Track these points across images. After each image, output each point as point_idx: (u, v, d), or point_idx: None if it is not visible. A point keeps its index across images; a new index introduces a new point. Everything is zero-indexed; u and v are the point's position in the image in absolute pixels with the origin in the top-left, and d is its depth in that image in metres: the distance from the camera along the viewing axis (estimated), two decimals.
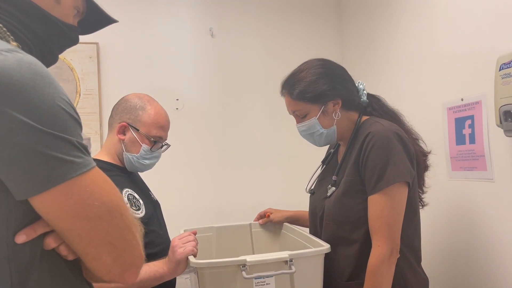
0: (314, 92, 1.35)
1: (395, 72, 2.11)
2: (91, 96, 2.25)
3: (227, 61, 2.53)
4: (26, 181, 0.58)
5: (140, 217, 1.39)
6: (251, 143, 2.54)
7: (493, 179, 1.51)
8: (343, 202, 1.32)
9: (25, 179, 0.58)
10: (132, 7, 2.35)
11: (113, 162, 1.46)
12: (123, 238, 0.66)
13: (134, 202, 1.40)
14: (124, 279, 0.69)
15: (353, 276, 1.30)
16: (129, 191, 1.40)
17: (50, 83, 0.62)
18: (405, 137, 1.30)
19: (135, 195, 1.42)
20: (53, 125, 0.59)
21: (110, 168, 1.44)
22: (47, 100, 0.60)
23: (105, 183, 0.66)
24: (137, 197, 1.43)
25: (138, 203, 1.41)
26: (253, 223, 1.76)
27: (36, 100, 0.59)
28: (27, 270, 0.62)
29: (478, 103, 1.56)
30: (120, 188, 1.39)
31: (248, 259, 1.15)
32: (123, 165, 1.48)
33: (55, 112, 0.60)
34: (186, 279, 2.02)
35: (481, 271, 1.58)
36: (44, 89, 0.60)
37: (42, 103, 0.59)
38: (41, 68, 0.62)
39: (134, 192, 1.43)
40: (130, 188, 1.42)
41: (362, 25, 2.44)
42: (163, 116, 1.49)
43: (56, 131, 0.60)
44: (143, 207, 1.42)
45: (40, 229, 0.63)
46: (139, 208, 1.40)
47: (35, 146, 0.58)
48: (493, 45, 1.49)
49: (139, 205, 1.41)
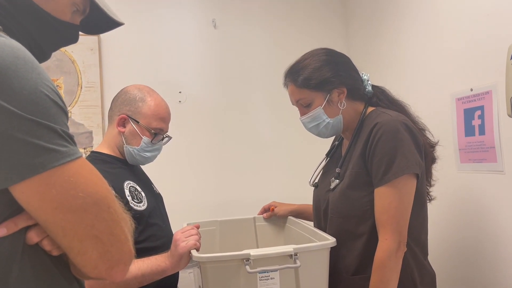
0: (318, 78, 1.32)
1: (402, 62, 2.07)
2: (93, 88, 2.22)
3: (230, 53, 2.49)
4: (4, 169, 0.55)
5: (142, 210, 1.38)
6: (255, 136, 2.51)
7: (503, 171, 1.47)
8: (348, 195, 1.29)
9: (4, 167, 0.55)
10: None
11: (114, 154, 1.44)
12: (110, 232, 0.63)
13: (136, 194, 1.37)
14: (111, 276, 0.65)
15: (359, 270, 1.27)
16: (131, 183, 1.38)
17: (33, 68, 0.58)
18: (413, 127, 1.26)
19: (137, 187, 1.40)
20: (35, 112, 0.56)
21: (111, 161, 1.42)
22: (29, 86, 0.56)
23: (92, 174, 0.63)
24: (139, 190, 1.40)
25: (140, 196, 1.39)
26: (257, 217, 1.73)
27: (17, 84, 0.55)
28: (7, 266, 0.59)
29: (489, 93, 1.52)
30: (122, 181, 1.37)
31: (252, 253, 1.12)
32: (124, 157, 1.45)
33: (36, 98, 0.57)
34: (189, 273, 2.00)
35: (489, 265, 1.55)
36: (26, 74, 0.57)
37: (23, 88, 0.56)
38: (24, 53, 0.59)
39: (136, 185, 1.40)
40: (132, 181, 1.40)
41: (368, 16, 2.39)
42: (163, 107, 1.46)
43: (37, 117, 0.56)
44: (145, 200, 1.39)
45: (22, 222, 0.60)
46: (141, 201, 1.38)
47: (14, 132, 0.54)
48: (504, 34, 1.45)
49: (141, 197, 1.39)
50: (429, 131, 1.37)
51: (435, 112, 1.78)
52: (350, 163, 1.32)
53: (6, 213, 0.59)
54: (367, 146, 1.26)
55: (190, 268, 2.00)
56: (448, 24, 1.75)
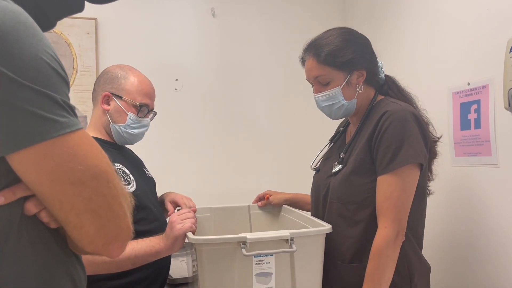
0: (343, 57, 1.29)
1: (400, 57, 2.07)
2: (88, 73, 2.20)
3: (229, 42, 2.48)
4: (2, 137, 0.53)
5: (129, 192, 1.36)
6: (253, 126, 2.50)
7: (497, 164, 1.49)
8: (351, 180, 1.28)
9: (2, 135, 0.53)
10: None
11: (101, 137, 1.42)
12: (109, 207, 0.61)
13: (124, 177, 1.36)
14: (108, 251, 0.64)
15: (355, 258, 1.28)
16: (119, 166, 1.37)
17: (34, 34, 0.56)
18: (421, 119, 1.27)
19: (125, 170, 1.38)
20: (35, 79, 0.54)
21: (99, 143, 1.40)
22: (29, 52, 0.54)
23: (92, 147, 0.61)
24: (127, 172, 1.39)
25: (128, 178, 1.37)
26: (252, 205, 1.73)
27: (17, 50, 0.53)
28: (4, 235, 0.57)
29: (486, 87, 1.53)
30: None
31: (248, 237, 1.12)
32: (112, 140, 1.44)
33: (37, 65, 0.55)
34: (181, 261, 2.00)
35: (483, 259, 1.56)
36: (27, 40, 0.54)
37: (23, 54, 0.53)
38: (25, 18, 0.56)
39: (124, 167, 1.39)
40: (120, 163, 1.38)
41: (367, 8, 2.40)
42: (147, 83, 1.45)
43: (37, 85, 0.54)
44: (134, 183, 1.38)
45: (20, 192, 0.58)
46: (129, 183, 1.36)
47: (13, 100, 0.52)
48: (502, 28, 1.45)
49: (129, 180, 1.37)
50: (432, 126, 1.37)
51: (432, 106, 1.77)
52: (355, 149, 1.32)
53: (4, 183, 0.57)
54: (374, 133, 1.26)
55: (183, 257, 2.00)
56: (446, 19, 1.76)
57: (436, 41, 1.82)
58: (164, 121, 2.12)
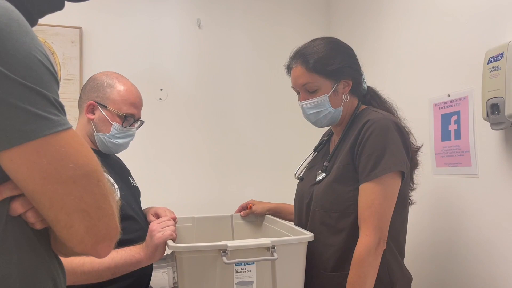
0: (332, 66, 1.31)
1: (382, 68, 2.11)
2: (72, 81, 2.18)
3: (214, 53, 2.49)
4: None
5: None
6: (237, 136, 2.50)
7: (477, 175, 1.51)
8: (333, 188, 1.29)
9: None
10: None
11: None
12: (98, 206, 0.61)
13: None
14: (97, 251, 0.64)
15: (337, 267, 1.27)
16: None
17: (27, 32, 0.56)
18: (403, 128, 1.28)
19: (110, 178, 1.37)
20: (28, 76, 0.54)
21: None
22: (23, 49, 0.54)
23: (82, 146, 0.61)
24: (112, 181, 1.37)
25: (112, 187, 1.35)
26: (234, 215, 1.72)
27: (10, 47, 0.53)
28: None
29: (465, 99, 1.56)
30: None
31: (229, 244, 1.11)
32: (97, 147, 1.42)
33: (30, 63, 0.55)
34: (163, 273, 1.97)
35: (464, 269, 1.57)
36: (19, 37, 0.55)
37: (16, 52, 0.54)
38: (18, 16, 0.57)
39: (109, 176, 1.37)
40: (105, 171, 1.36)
41: (350, 20, 2.44)
42: (133, 92, 1.42)
43: (30, 83, 0.54)
44: (117, 192, 1.36)
45: (7, 191, 0.58)
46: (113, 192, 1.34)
47: (6, 97, 0.52)
48: (481, 40, 1.49)
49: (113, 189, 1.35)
50: (413, 136, 1.39)
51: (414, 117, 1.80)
52: (338, 158, 1.33)
53: None
54: (356, 142, 1.27)
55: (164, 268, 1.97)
56: (427, 32, 1.79)
57: (416, 53, 1.86)
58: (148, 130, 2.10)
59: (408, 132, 1.35)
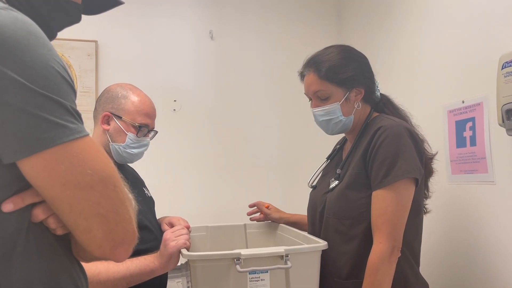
0: (344, 74, 1.32)
1: (395, 74, 2.10)
2: (88, 94, 2.23)
3: (227, 64, 2.52)
4: (15, 143, 0.55)
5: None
6: (251, 146, 2.51)
7: (494, 182, 1.48)
8: (346, 195, 1.28)
9: (14, 140, 0.55)
10: (133, 6, 2.34)
11: None
12: (116, 211, 0.63)
13: None
14: (115, 255, 0.65)
15: (351, 275, 1.26)
16: None
17: (44, 44, 0.59)
18: (416, 135, 1.27)
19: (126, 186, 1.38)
20: (46, 86, 0.57)
21: None
22: (40, 61, 0.57)
23: (99, 152, 0.63)
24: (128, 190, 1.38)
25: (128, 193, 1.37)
26: (248, 224, 1.72)
27: (29, 59, 0.56)
28: (12, 241, 0.58)
29: (480, 105, 1.54)
30: None
31: (242, 253, 1.11)
32: (112, 158, 1.44)
33: (48, 74, 0.57)
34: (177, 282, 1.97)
35: (482, 277, 1.54)
36: (37, 49, 0.57)
37: (34, 63, 0.56)
38: (35, 29, 0.59)
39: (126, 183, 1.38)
40: None
41: (362, 27, 2.44)
42: (147, 103, 1.45)
43: (49, 92, 0.57)
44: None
45: (29, 198, 0.60)
46: None
47: (26, 106, 0.55)
48: (494, 46, 1.48)
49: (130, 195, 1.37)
50: (427, 143, 1.38)
51: (428, 124, 1.79)
52: (351, 165, 1.32)
53: (14, 189, 0.59)
54: (369, 148, 1.26)
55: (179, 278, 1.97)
56: (440, 38, 1.79)
57: (430, 60, 1.85)
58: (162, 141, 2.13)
59: (422, 140, 1.34)
